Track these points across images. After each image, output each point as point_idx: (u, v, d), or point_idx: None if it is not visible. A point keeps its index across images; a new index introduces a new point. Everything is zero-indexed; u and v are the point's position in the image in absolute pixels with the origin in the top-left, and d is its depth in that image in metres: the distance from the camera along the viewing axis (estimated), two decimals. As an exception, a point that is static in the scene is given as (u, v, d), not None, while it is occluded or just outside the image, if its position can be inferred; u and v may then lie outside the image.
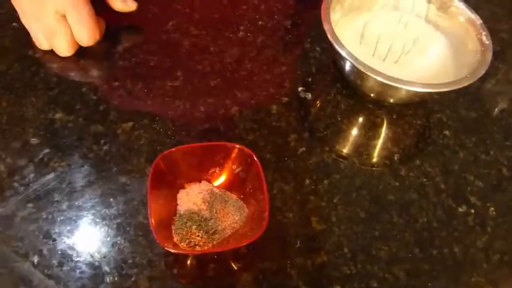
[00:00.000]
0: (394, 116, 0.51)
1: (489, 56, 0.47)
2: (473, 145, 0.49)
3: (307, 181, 0.44)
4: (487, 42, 0.48)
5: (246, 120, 0.48)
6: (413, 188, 0.45)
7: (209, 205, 0.40)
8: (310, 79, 0.53)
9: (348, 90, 0.52)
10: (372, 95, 0.49)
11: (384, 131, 0.50)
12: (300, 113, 0.50)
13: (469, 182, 0.46)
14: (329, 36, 0.46)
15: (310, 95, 0.51)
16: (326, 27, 0.47)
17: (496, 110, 0.53)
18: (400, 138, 0.49)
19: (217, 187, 0.42)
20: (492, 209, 0.45)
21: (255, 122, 0.48)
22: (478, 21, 0.50)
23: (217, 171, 0.42)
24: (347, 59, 0.45)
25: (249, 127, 0.48)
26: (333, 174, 0.45)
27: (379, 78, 0.43)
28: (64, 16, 0.47)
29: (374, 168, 0.46)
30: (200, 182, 0.42)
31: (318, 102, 0.51)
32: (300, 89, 0.51)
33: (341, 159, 0.46)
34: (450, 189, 0.46)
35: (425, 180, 0.46)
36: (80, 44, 0.49)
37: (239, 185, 0.42)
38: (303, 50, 0.56)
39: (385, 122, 0.50)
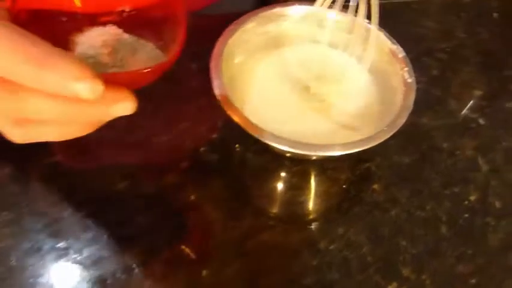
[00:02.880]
0: (314, 173, 0.43)
1: (412, 97, 0.40)
2: (407, 200, 0.42)
3: (204, 272, 0.37)
4: (409, 80, 0.41)
5: (135, 197, 0.40)
6: (334, 265, 0.38)
7: (113, 50, 0.32)
8: (215, 135, 0.45)
9: (258, 146, 0.44)
10: (287, 154, 0.42)
11: (301, 193, 0.42)
12: (203, 180, 0.42)
13: (402, 250, 0.39)
14: (220, 101, 0.38)
15: (215, 156, 0.44)
16: (215, 84, 0.39)
17: (433, 150, 0.46)
18: (322, 199, 0.42)
19: (128, 33, 0.34)
20: (428, 282, 0.38)
21: (146, 199, 0.40)
22: (401, 54, 0.43)
23: (126, 11, 0.34)
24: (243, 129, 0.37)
25: (140, 205, 0.40)
26: (239, 256, 0.38)
27: (286, 148, 0.36)
28: None
29: (289, 246, 0.39)
30: (105, 25, 0.34)
31: (223, 164, 0.43)
32: (202, 149, 0.44)
33: (250, 238, 0.39)
34: (379, 261, 0.38)
35: (348, 253, 0.39)
36: None
37: (157, 31, 0.34)
38: (209, 98, 0.48)
39: (303, 181, 0.43)
